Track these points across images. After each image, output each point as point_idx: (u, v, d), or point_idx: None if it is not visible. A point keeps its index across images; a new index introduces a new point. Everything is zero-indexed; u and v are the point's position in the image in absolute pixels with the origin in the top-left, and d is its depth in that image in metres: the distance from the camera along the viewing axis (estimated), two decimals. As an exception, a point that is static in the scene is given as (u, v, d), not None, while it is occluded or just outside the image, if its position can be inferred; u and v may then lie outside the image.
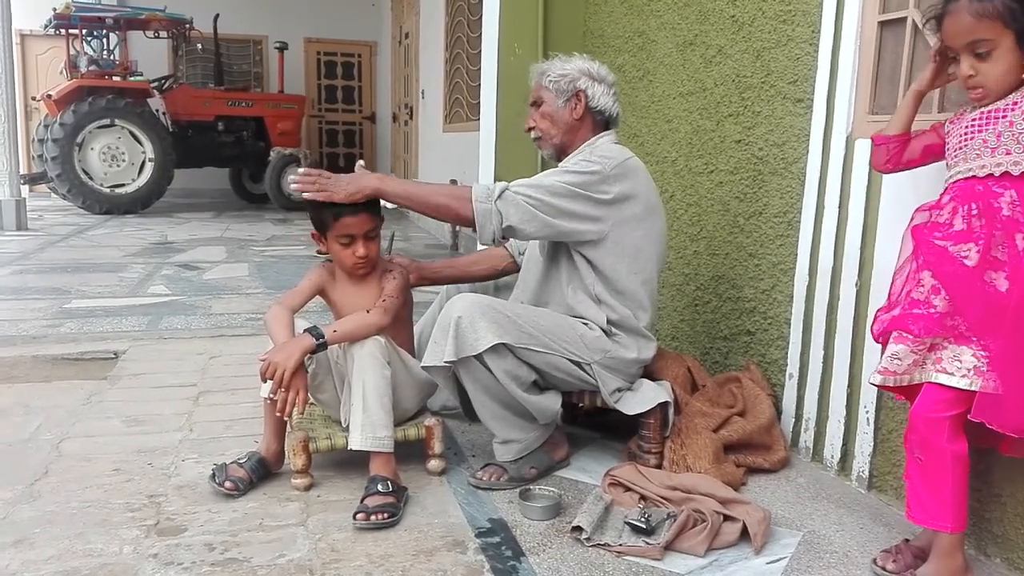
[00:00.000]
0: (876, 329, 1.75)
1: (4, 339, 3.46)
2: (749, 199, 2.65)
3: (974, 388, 1.55)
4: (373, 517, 1.87)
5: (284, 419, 2.08)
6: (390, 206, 2.16)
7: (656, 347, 2.32)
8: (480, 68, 3.87)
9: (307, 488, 2.08)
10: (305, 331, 2.00)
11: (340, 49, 12.14)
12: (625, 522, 1.88)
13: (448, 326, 2.01)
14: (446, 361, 2.01)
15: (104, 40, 9.55)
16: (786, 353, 2.46)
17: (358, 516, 1.88)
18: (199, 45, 10.05)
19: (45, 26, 9.08)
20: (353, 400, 2.03)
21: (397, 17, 10.24)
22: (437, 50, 7.75)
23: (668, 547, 1.80)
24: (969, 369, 1.56)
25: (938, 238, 1.63)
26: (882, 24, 2.14)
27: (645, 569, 1.75)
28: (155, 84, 9.36)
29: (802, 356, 2.39)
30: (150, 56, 10.22)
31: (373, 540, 1.83)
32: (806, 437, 2.39)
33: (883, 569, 1.73)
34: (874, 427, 2.13)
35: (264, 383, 1.99)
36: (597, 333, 2.16)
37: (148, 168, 8.82)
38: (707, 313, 2.89)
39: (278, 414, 1.99)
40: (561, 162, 2.29)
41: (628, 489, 2.04)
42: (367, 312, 2.06)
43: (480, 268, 2.56)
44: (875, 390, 2.07)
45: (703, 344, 2.91)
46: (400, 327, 2.21)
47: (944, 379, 1.59)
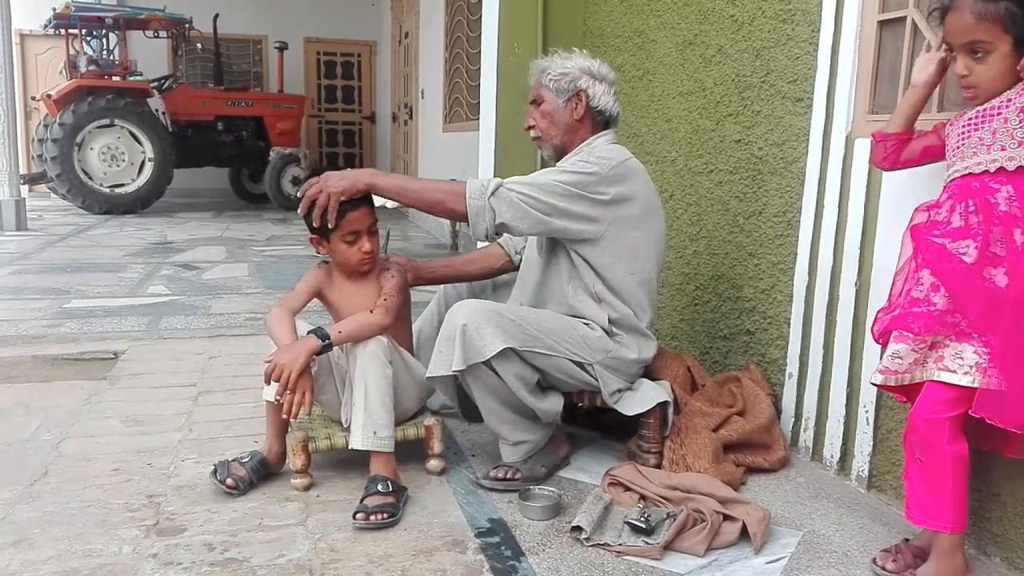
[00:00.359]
0: (876, 329, 1.75)
1: (4, 339, 3.46)
2: (749, 198, 2.65)
3: (977, 385, 1.54)
4: (373, 517, 1.87)
5: (290, 420, 2.07)
6: (390, 205, 2.16)
7: (656, 347, 2.32)
8: (480, 68, 3.87)
9: (307, 488, 2.08)
10: (309, 332, 2.00)
11: (340, 49, 12.14)
12: (625, 522, 1.87)
13: (453, 335, 1.99)
14: (455, 370, 1.99)
15: (104, 40, 9.55)
16: (786, 353, 2.46)
17: (358, 516, 1.88)
18: (199, 45, 10.05)
19: (45, 26, 9.07)
20: (355, 400, 2.03)
21: (397, 17, 10.23)
22: (437, 50, 7.74)
23: (668, 547, 1.80)
24: (971, 366, 1.56)
25: (936, 236, 1.63)
26: (882, 23, 2.13)
27: (645, 569, 1.75)
28: (155, 84, 9.37)
29: (802, 356, 2.39)
30: (150, 56, 10.21)
31: (373, 540, 1.83)
32: (806, 437, 2.39)
33: (883, 569, 1.72)
34: (874, 427, 2.13)
35: (268, 385, 1.99)
36: (599, 333, 2.16)
37: (148, 168, 8.83)
38: (707, 313, 2.89)
39: (284, 416, 1.98)
40: (559, 162, 2.29)
41: (628, 489, 2.04)
42: (370, 312, 2.06)
43: (476, 267, 2.56)
44: (875, 390, 2.07)
45: (703, 344, 2.91)
46: (400, 326, 2.21)
47: (947, 377, 1.58)
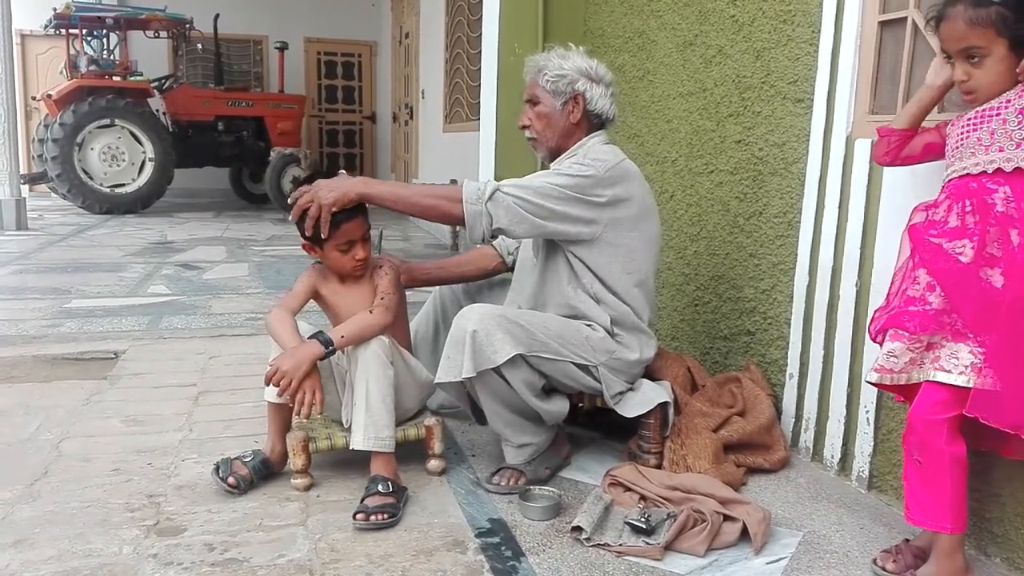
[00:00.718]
0: (873, 328, 1.75)
1: (4, 339, 3.46)
2: (749, 199, 2.65)
3: (972, 385, 1.55)
4: (373, 517, 1.87)
5: (297, 419, 2.08)
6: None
7: (656, 345, 2.32)
8: (480, 68, 3.87)
9: (307, 488, 2.08)
10: (312, 337, 1.99)
11: (340, 49, 12.14)
12: (625, 522, 1.87)
13: (463, 340, 1.97)
14: (465, 377, 1.98)
15: (104, 40, 9.54)
16: (786, 353, 2.46)
17: (358, 516, 1.88)
18: (199, 45, 10.06)
19: (45, 26, 9.07)
20: (356, 400, 2.03)
21: (397, 17, 10.23)
22: (437, 50, 7.74)
23: (668, 547, 1.80)
24: (967, 366, 1.56)
25: (933, 235, 1.63)
26: (882, 24, 2.14)
27: (645, 569, 1.75)
28: (155, 84, 9.36)
29: (802, 356, 2.39)
30: (150, 56, 10.21)
31: (373, 540, 1.83)
32: (806, 437, 2.39)
33: (883, 569, 1.72)
34: (874, 427, 2.13)
35: (269, 386, 1.99)
36: (601, 334, 2.16)
37: (148, 168, 8.82)
38: (707, 313, 2.89)
39: (296, 416, 1.98)
40: (553, 163, 2.28)
41: (628, 489, 2.04)
42: (369, 313, 2.06)
43: (469, 268, 2.56)
44: (875, 390, 2.07)
45: (703, 344, 2.91)
46: (398, 324, 2.20)
47: (942, 377, 1.59)
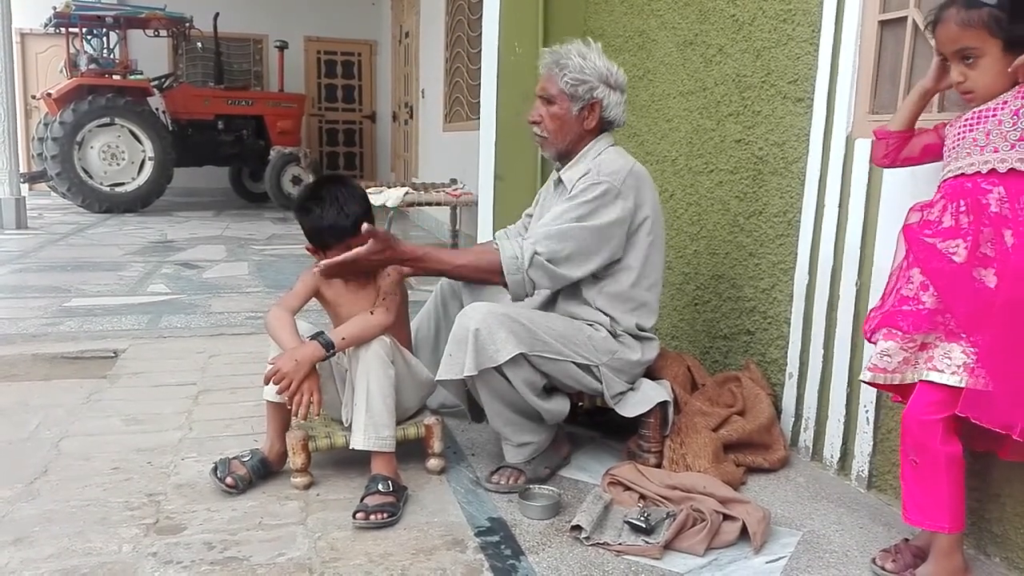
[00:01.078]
0: (867, 327, 1.76)
1: (4, 338, 3.46)
2: (749, 198, 2.65)
3: (964, 385, 1.55)
4: (372, 516, 1.87)
5: (295, 420, 2.08)
6: (391, 204, 2.14)
7: (659, 346, 2.32)
8: (480, 67, 3.87)
9: (307, 487, 2.08)
10: (312, 339, 1.99)
11: (340, 48, 12.13)
12: (625, 521, 1.88)
13: (466, 339, 1.97)
14: (466, 375, 1.98)
15: (104, 39, 9.55)
16: (786, 352, 2.46)
17: (357, 515, 1.88)
18: (199, 44, 10.05)
19: (45, 25, 9.07)
20: (356, 400, 2.03)
21: (397, 16, 10.22)
22: (437, 49, 7.74)
23: (667, 546, 1.80)
24: (959, 366, 1.56)
25: (927, 235, 1.63)
26: (882, 24, 2.14)
27: (644, 568, 1.75)
28: (155, 83, 9.37)
29: (802, 355, 2.39)
30: (150, 55, 10.20)
31: (372, 539, 1.83)
32: (806, 436, 2.39)
33: (882, 569, 1.73)
34: (874, 426, 2.13)
35: (268, 385, 1.99)
36: (603, 334, 2.16)
37: (148, 167, 8.82)
38: (707, 312, 2.89)
39: (294, 416, 1.99)
40: (562, 170, 2.27)
41: (628, 488, 2.04)
42: (370, 313, 2.06)
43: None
44: (875, 390, 2.07)
45: (703, 343, 2.91)
46: (398, 325, 2.20)
47: (935, 376, 1.59)
